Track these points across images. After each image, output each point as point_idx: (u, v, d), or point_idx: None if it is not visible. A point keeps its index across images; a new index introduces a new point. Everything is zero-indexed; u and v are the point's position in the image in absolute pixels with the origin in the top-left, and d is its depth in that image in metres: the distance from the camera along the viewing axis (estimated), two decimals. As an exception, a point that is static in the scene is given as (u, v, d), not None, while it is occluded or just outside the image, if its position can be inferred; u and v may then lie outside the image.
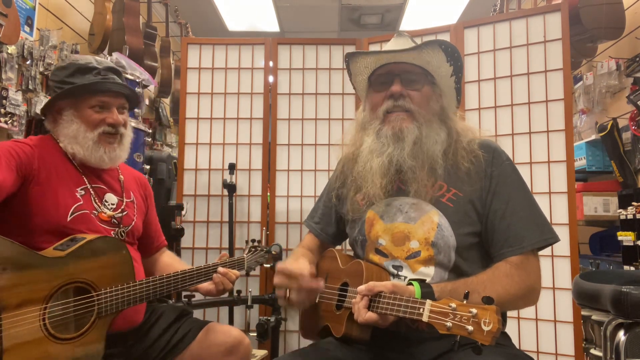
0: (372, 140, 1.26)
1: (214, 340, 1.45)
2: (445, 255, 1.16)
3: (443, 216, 1.18)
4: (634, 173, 3.30)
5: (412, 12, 5.20)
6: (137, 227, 1.54)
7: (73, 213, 1.35)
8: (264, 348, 2.26)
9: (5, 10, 2.54)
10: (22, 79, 2.80)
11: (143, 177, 1.70)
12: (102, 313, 1.23)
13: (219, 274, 1.45)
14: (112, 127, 1.44)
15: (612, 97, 3.59)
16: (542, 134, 2.45)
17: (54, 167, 1.38)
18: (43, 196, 1.32)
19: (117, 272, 1.28)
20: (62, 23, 3.37)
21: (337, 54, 2.87)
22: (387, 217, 1.23)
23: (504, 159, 1.23)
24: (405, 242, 1.19)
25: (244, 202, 2.82)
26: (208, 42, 2.96)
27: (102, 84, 1.42)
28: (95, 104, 1.42)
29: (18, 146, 1.33)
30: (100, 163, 1.44)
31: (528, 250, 1.14)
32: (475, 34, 2.67)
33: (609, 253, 3.43)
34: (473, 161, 1.21)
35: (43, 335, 1.12)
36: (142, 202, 1.61)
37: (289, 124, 2.86)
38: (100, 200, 1.44)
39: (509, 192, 1.19)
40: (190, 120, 2.88)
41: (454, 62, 1.25)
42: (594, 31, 3.19)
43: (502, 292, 1.08)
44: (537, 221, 1.17)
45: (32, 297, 1.11)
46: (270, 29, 5.69)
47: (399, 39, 1.32)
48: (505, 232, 1.15)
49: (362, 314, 1.03)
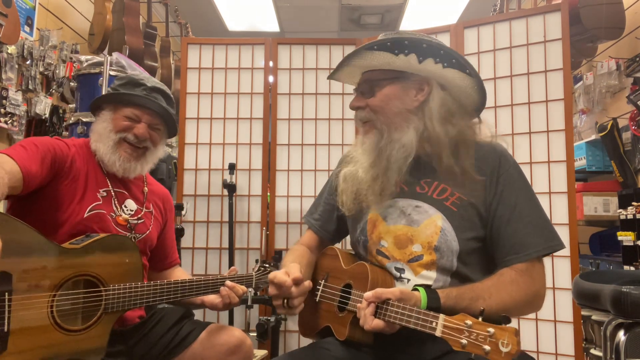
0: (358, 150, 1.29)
1: (216, 340, 1.45)
2: (447, 259, 1.15)
3: (447, 220, 1.16)
4: (634, 173, 3.30)
5: (412, 12, 5.20)
6: (151, 238, 1.56)
7: (90, 210, 1.40)
8: (264, 348, 2.26)
9: (5, 10, 2.54)
10: (22, 79, 2.80)
11: (168, 194, 1.74)
12: (109, 309, 1.25)
13: (227, 287, 1.46)
14: (136, 138, 1.49)
15: (612, 97, 3.59)
16: (542, 134, 2.45)
17: (84, 168, 1.45)
18: (68, 194, 1.38)
19: (126, 271, 1.31)
20: (62, 23, 3.37)
21: (337, 54, 2.87)
22: (390, 219, 1.21)
23: (510, 164, 1.20)
24: (407, 245, 1.18)
25: (244, 202, 2.82)
26: (208, 42, 2.96)
27: (140, 98, 1.50)
28: (128, 114, 1.49)
29: (57, 144, 1.41)
30: (112, 167, 1.48)
31: (533, 257, 1.13)
32: (475, 34, 2.67)
33: (609, 253, 3.43)
34: (479, 165, 1.18)
35: (49, 323, 1.15)
36: (161, 216, 1.65)
37: (289, 124, 2.86)
38: (120, 204, 1.50)
39: (515, 198, 1.16)
40: (190, 120, 2.88)
41: (407, 49, 1.15)
42: (594, 31, 3.19)
43: (507, 298, 1.07)
44: (542, 227, 1.15)
45: (43, 283, 1.14)
46: (270, 29, 5.69)
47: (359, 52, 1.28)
48: (510, 239, 1.14)
49: (369, 321, 1.02)
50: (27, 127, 2.80)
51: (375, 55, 1.19)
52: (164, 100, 1.55)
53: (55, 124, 3.05)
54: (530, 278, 1.12)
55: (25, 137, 2.79)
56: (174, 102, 1.62)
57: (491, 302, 1.05)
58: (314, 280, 1.39)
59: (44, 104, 2.83)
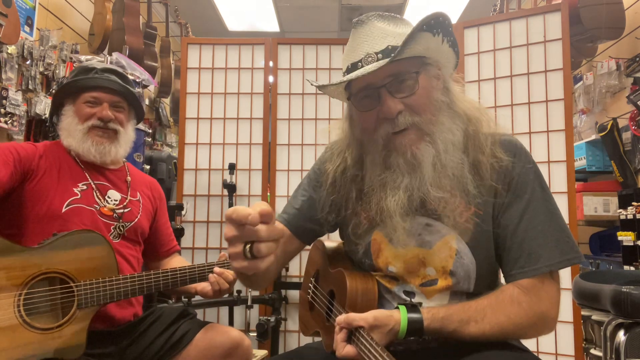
0: (380, 170, 1.03)
1: (212, 342, 1.43)
2: (464, 284, 1.02)
3: (462, 240, 1.01)
4: (634, 173, 3.30)
5: (412, 12, 5.20)
6: (141, 226, 1.54)
7: (68, 205, 1.39)
8: (264, 348, 2.26)
9: (5, 10, 2.54)
10: (22, 79, 2.80)
11: (155, 181, 1.73)
12: (83, 305, 1.23)
13: (215, 274, 1.43)
14: (101, 121, 1.49)
15: (612, 97, 3.59)
16: (542, 134, 2.45)
17: (57, 165, 1.44)
18: (41, 191, 1.37)
19: (97, 266, 1.28)
20: (62, 23, 3.37)
21: (337, 54, 2.87)
22: (397, 241, 1.03)
23: (525, 163, 1.02)
24: (419, 269, 1.03)
25: (244, 202, 2.81)
26: (208, 42, 2.96)
27: (93, 80, 1.50)
28: (88, 99, 1.49)
29: (20, 145, 1.41)
30: (88, 155, 1.48)
31: (545, 272, 0.96)
32: (475, 34, 2.67)
33: (609, 253, 3.43)
34: (495, 167, 1.01)
35: (17, 322, 1.13)
36: (150, 204, 1.63)
37: (289, 124, 2.86)
38: (102, 195, 1.48)
39: (527, 203, 0.99)
40: (190, 120, 2.88)
41: (441, 29, 0.97)
42: (594, 31, 3.19)
43: (504, 321, 0.94)
44: (557, 238, 0.98)
45: (6, 284, 1.13)
46: (270, 29, 5.69)
47: (363, 28, 1.02)
48: (517, 250, 0.98)
49: (340, 349, 0.92)
50: (27, 127, 2.79)
51: (416, 42, 0.95)
52: (119, 79, 1.54)
53: (56, 124, 3.04)
54: (537, 297, 0.96)
55: (25, 137, 2.78)
56: (130, 81, 1.61)
57: (484, 325, 0.93)
58: (307, 273, 1.33)
59: (44, 104, 2.83)
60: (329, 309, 1.13)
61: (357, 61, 1.00)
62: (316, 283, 1.24)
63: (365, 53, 0.99)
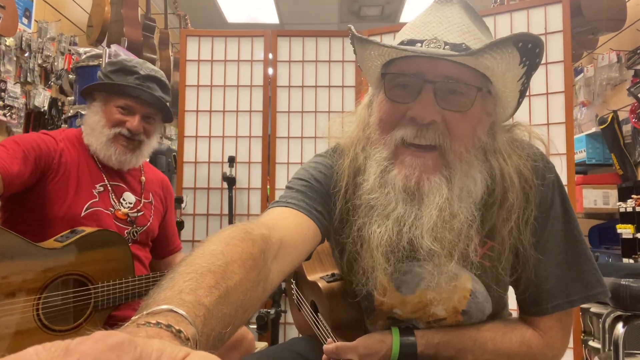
0: (373, 180, 0.83)
1: None
2: (476, 319, 0.92)
3: (477, 280, 0.88)
4: (633, 166, 3.30)
5: (412, 3, 5.17)
6: (152, 229, 1.55)
7: (87, 209, 1.38)
8: (264, 340, 2.27)
9: (3, 2, 2.52)
10: (21, 71, 2.79)
11: (166, 179, 1.72)
12: (99, 307, 1.24)
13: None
14: (129, 132, 1.46)
15: (613, 90, 3.59)
16: (543, 127, 2.45)
17: (76, 163, 1.41)
18: (60, 190, 1.35)
19: (115, 267, 1.29)
20: (60, 15, 3.35)
21: (336, 46, 2.86)
22: (405, 288, 0.90)
23: (552, 197, 0.88)
24: (427, 306, 0.90)
25: (243, 195, 2.82)
26: (207, 34, 2.95)
27: (134, 89, 1.44)
28: (121, 105, 1.44)
29: (42, 139, 1.36)
30: (108, 161, 1.46)
31: (566, 309, 0.86)
32: (476, 26, 2.65)
33: (608, 246, 3.44)
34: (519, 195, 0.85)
35: (36, 325, 1.13)
36: (161, 204, 1.63)
37: (288, 116, 2.85)
38: (118, 198, 1.48)
39: (547, 234, 0.87)
40: (189, 112, 2.87)
41: (530, 61, 0.77)
42: (595, 23, 3.18)
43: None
44: (582, 273, 0.87)
45: (26, 287, 1.12)
46: (269, 20, 5.66)
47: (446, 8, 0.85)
48: (537, 287, 0.87)
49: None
50: (26, 119, 2.79)
51: (500, 57, 0.76)
52: (158, 88, 1.50)
53: (54, 117, 3.04)
54: (551, 340, 0.87)
55: (24, 129, 2.78)
56: (169, 87, 1.56)
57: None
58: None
59: (43, 97, 2.82)
60: (315, 319, 1.09)
61: (419, 40, 0.81)
62: (297, 287, 1.21)
63: (433, 36, 0.80)
